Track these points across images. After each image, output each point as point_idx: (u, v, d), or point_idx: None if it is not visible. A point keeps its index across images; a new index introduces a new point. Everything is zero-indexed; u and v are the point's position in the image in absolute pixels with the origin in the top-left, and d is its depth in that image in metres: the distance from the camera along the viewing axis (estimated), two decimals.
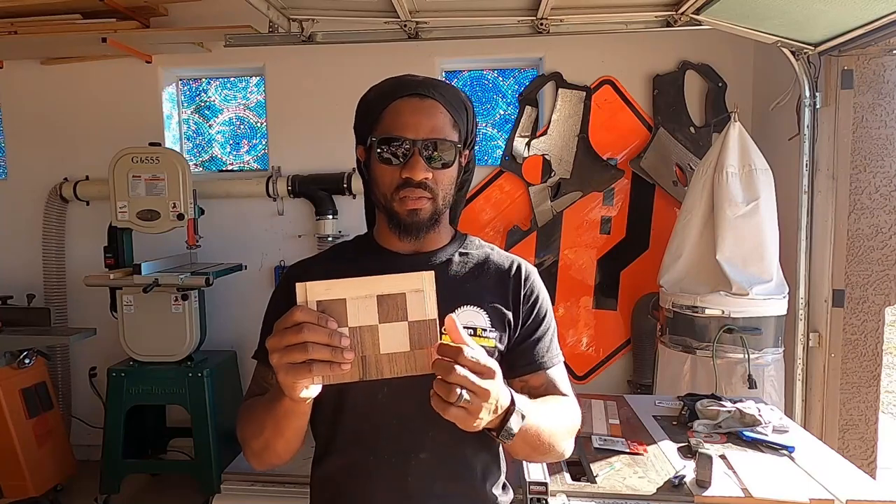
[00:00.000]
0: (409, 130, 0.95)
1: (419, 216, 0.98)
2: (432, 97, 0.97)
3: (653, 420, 1.92)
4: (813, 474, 1.53)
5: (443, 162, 0.97)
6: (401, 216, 0.98)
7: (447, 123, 0.98)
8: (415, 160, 0.95)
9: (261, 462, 0.98)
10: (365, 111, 1.03)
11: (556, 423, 0.96)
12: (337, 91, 3.29)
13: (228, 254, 3.39)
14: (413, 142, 0.95)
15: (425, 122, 0.96)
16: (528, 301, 1.06)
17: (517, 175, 3.30)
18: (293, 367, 0.74)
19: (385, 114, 0.98)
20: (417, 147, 0.95)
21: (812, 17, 2.13)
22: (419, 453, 0.99)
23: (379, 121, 0.98)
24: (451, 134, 0.98)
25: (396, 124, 0.96)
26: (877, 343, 2.52)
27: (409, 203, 0.97)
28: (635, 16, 2.38)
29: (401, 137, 0.95)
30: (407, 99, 0.97)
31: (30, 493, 2.88)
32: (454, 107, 1.00)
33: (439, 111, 0.97)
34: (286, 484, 1.55)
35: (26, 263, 3.49)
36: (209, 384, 2.94)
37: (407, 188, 0.96)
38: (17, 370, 2.92)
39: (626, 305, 3.32)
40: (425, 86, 0.98)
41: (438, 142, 0.96)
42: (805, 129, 2.55)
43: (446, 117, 0.98)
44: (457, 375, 0.73)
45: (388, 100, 0.98)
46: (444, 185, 0.99)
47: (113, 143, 3.08)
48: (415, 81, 1.00)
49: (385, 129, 0.97)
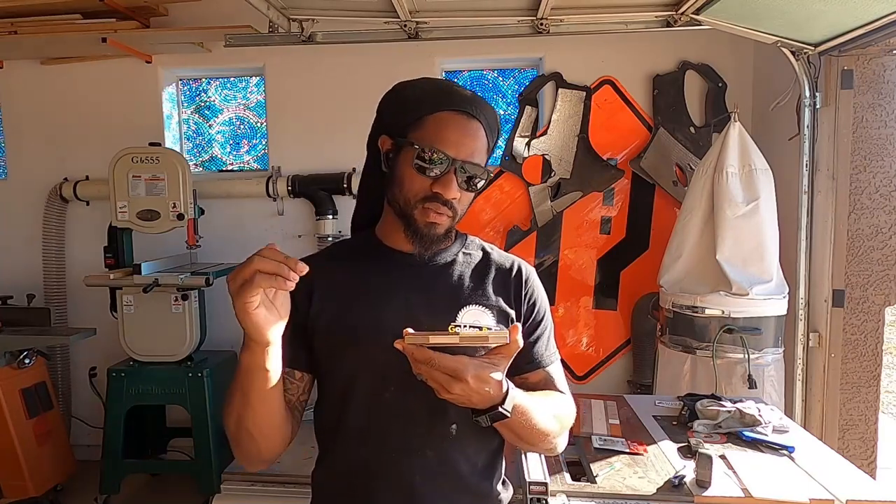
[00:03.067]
0: (452, 148, 0.95)
1: (436, 230, 0.99)
2: (478, 119, 0.98)
3: (653, 420, 1.92)
4: (813, 474, 1.53)
5: (474, 185, 0.99)
6: (419, 225, 0.99)
7: (484, 147, 1.00)
8: (450, 178, 0.96)
9: (239, 449, 0.97)
10: (404, 107, 1.01)
11: (547, 412, 0.98)
12: (337, 91, 3.29)
13: (228, 254, 3.39)
14: (453, 161, 0.95)
15: (468, 143, 0.97)
16: (529, 302, 1.08)
17: (517, 175, 3.30)
18: (242, 284, 0.78)
19: (430, 120, 0.97)
20: (456, 167, 0.96)
21: (812, 17, 2.13)
22: (425, 452, 1.00)
23: (421, 125, 0.98)
24: (484, 158, 1.00)
25: (440, 137, 0.96)
26: (877, 343, 2.52)
27: (431, 216, 0.98)
28: (635, 16, 2.38)
29: (443, 153, 0.95)
30: (455, 114, 0.97)
31: (30, 493, 2.88)
32: (492, 130, 1.02)
33: (481, 134, 0.99)
34: (286, 484, 1.55)
35: (26, 263, 3.49)
36: (209, 384, 2.94)
37: (434, 202, 0.97)
38: (17, 370, 2.92)
39: (626, 305, 3.32)
40: (473, 105, 0.99)
41: (475, 166, 0.97)
42: (805, 129, 2.55)
43: (484, 142, 1.00)
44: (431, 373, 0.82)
45: (436, 107, 0.98)
46: (465, 204, 1.02)
47: (113, 143, 3.08)
48: (465, 97, 0.99)
49: (428, 137, 0.96)
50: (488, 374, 0.83)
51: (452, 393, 0.82)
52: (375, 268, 1.05)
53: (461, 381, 0.81)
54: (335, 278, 1.04)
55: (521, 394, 0.92)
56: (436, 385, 0.83)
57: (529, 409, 0.93)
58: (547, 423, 0.97)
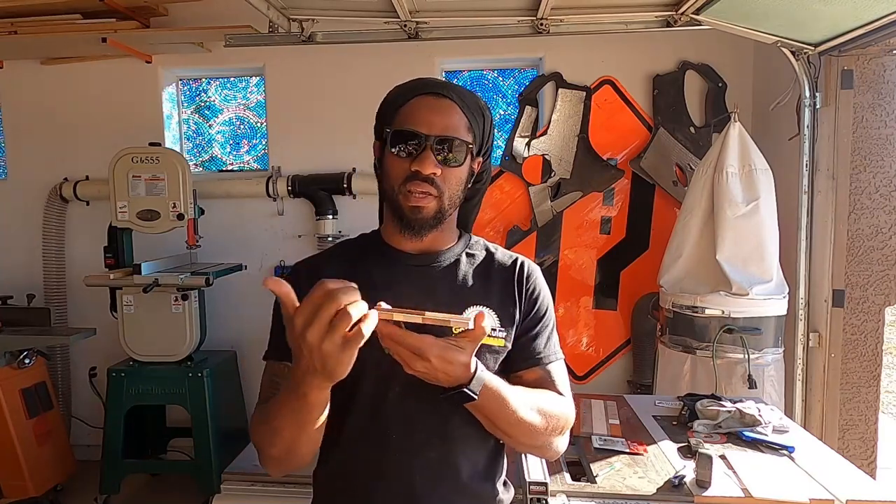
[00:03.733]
0: (423, 126, 0.97)
1: (423, 213, 0.99)
2: (450, 97, 1.00)
3: (653, 420, 1.92)
4: (813, 474, 1.53)
5: (453, 160, 0.99)
6: (405, 210, 0.99)
7: (462, 125, 1.00)
8: (425, 154, 0.97)
9: (281, 468, 0.95)
10: (384, 109, 1.05)
11: (528, 404, 0.96)
12: (337, 91, 3.28)
13: (228, 254, 3.39)
14: (426, 137, 0.97)
15: (439, 119, 0.98)
16: (531, 298, 1.07)
17: (517, 175, 3.30)
18: (344, 341, 0.72)
19: (402, 110, 1.00)
20: (430, 143, 0.97)
21: (812, 17, 2.13)
22: (426, 453, 1.00)
23: (395, 116, 1.01)
24: (464, 135, 1.00)
25: (411, 119, 0.98)
26: (877, 343, 2.52)
27: (414, 199, 0.98)
28: (635, 16, 2.38)
29: (414, 131, 0.97)
30: (424, 97, 1.00)
31: (30, 493, 2.88)
32: (471, 110, 1.02)
33: (455, 111, 1.00)
34: (286, 484, 1.55)
35: (26, 263, 3.49)
36: (209, 384, 2.94)
37: (414, 181, 0.97)
38: (17, 370, 2.92)
39: (626, 305, 3.32)
40: (444, 87, 1.02)
41: (450, 139, 0.98)
42: (805, 129, 2.55)
43: (461, 118, 1.00)
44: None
45: (407, 97, 1.01)
46: (452, 184, 1.00)
47: (113, 143, 3.08)
48: (436, 82, 1.03)
49: (400, 123, 1.00)
50: (453, 354, 0.83)
51: (416, 370, 0.83)
52: (378, 268, 1.05)
53: (424, 359, 0.81)
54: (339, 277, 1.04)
55: (497, 380, 0.91)
56: (400, 360, 0.83)
57: (505, 396, 0.91)
58: (527, 415, 0.94)
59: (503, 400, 0.92)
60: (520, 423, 0.94)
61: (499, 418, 0.93)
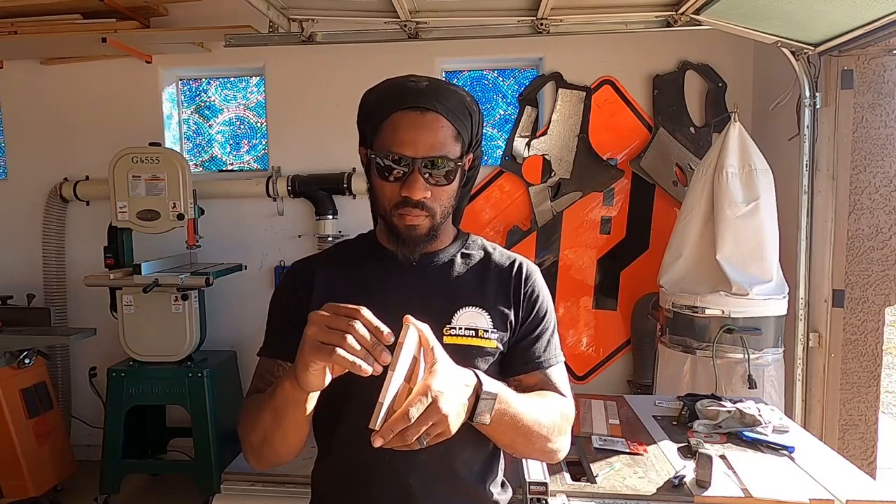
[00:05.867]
0: (408, 148, 0.93)
1: (416, 232, 0.98)
2: (434, 109, 0.94)
3: (653, 420, 1.92)
4: (813, 474, 1.53)
5: (442, 179, 0.96)
6: (399, 230, 0.98)
7: (448, 137, 0.95)
8: (414, 179, 0.93)
9: (258, 459, 0.97)
10: (366, 114, 1.01)
11: (539, 411, 0.96)
12: (337, 91, 3.28)
13: (228, 254, 3.39)
14: (412, 160, 0.93)
15: (425, 138, 0.93)
16: (529, 300, 1.06)
17: (517, 175, 3.30)
18: (320, 346, 0.75)
19: (385, 126, 0.95)
20: (417, 166, 0.93)
21: (812, 17, 2.13)
22: (420, 454, 0.99)
23: (378, 131, 0.97)
24: (452, 148, 0.96)
25: (395, 140, 0.94)
26: (877, 343, 2.52)
27: (408, 219, 0.97)
28: (635, 16, 2.38)
29: (400, 155, 0.93)
30: (407, 112, 0.94)
31: (30, 493, 2.88)
32: (457, 116, 0.96)
33: (440, 125, 0.94)
34: (286, 484, 1.55)
35: (26, 263, 3.49)
36: (209, 384, 2.94)
37: (405, 207, 0.96)
38: (17, 370, 2.92)
39: (626, 305, 3.32)
40: (426, 96, 0.95)
41: (438, 159, 0.94)
42: (805, 129, 2.55)
43: (448, 130, 0.95)
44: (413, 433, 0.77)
45: (388, 110, 0.95)
46: (443, 200, 0.98)
47: (113, 143, 3.08)
48: (416, 91, 0.96)
49: (384, 143, 0.95)
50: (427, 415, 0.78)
51: (444, 413, 0.78)
52: (373, 269, 1.05)
53: (433, 401, 0.77)
54: (334, 278, 1.04)
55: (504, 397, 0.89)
56: (433, 427, 0.78)
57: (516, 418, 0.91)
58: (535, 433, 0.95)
59: (514, 423, 0.91)
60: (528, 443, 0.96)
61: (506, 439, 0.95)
